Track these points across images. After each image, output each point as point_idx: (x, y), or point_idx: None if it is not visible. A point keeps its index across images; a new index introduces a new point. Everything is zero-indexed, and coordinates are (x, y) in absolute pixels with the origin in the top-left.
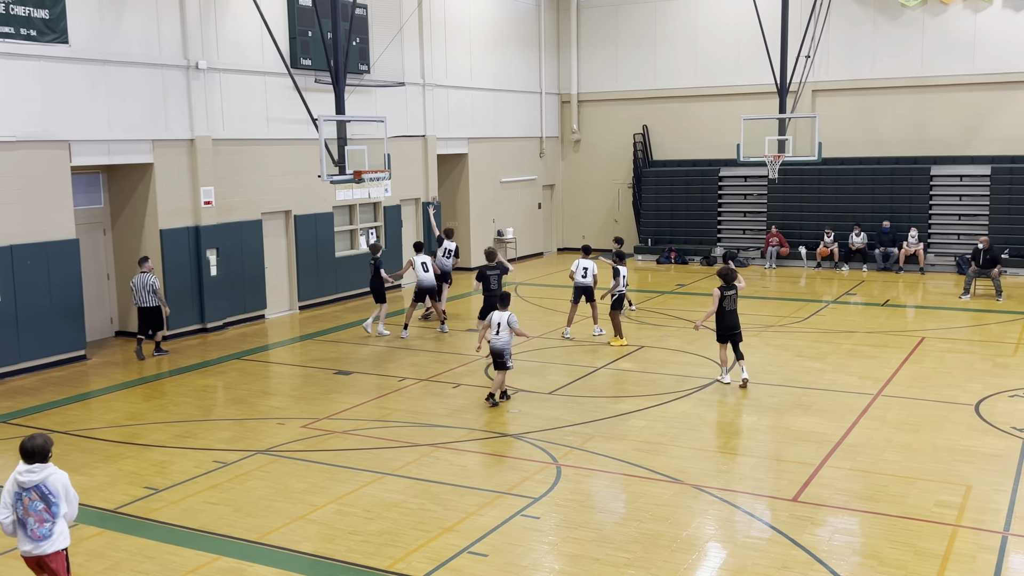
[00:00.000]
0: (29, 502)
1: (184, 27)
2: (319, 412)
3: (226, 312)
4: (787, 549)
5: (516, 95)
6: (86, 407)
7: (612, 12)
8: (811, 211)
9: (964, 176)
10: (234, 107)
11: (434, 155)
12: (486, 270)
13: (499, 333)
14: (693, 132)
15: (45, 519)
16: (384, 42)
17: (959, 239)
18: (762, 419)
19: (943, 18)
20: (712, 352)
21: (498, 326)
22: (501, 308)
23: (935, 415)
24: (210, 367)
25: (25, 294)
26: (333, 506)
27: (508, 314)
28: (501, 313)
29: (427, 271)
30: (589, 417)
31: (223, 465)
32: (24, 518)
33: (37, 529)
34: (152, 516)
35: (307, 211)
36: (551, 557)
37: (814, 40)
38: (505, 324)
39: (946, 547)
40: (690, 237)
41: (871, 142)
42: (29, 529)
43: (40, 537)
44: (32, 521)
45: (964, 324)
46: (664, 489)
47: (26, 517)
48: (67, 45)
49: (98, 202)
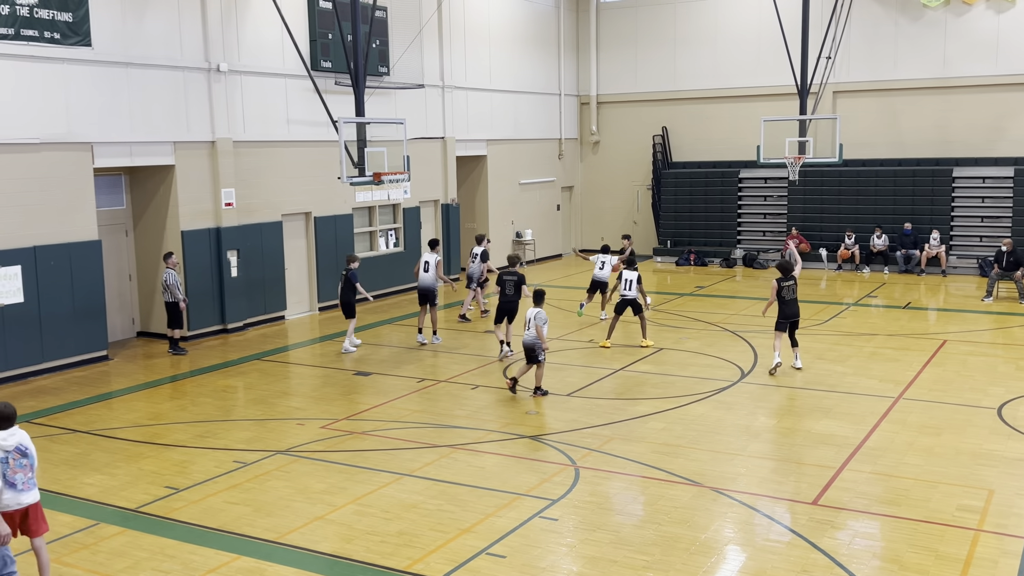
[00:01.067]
0: (14, 462)
1: (205, 30)
2: (338, 413)
3: (246, 313)
4: (807, 553)
5: (535, 97)
6: (108, 407)
7: (632, 13)
8: (832, 213)
9: (987, 178)
10: (255, 109)
11: (453, 157)
12: (503, 275)
13: (530, 328)
14: (713, 134)
15: (28, 472)
16: (404, 44)
17: (981, 241)
18: (782, 422)
19: (966, 18)
20: (731, 354)
21: (528, 321)
22: (535, 305)
23: (957, 418)
24: (230, 368)
25: (48, 295)
26: (352, 506)
27: (537, 311)
28: (532, 310)
29: (427, 271)
30: (607, 419)
31: (243, 465)
32: (12, 478)
33: (27, 482)
34: (173, 515)
35: (327, 213)
36: (569, 559)
37: (835, 41)
38: (534, 319)
39: (968, 552)
40: (709, 239)
41: (893, 143)
42: (20, 485)
43: (29, 487)
44: (20, 477)
45: (986, 327)
46: (683, 492)
47: (14, 476)
48: (90, 48)
49: (120, 203)
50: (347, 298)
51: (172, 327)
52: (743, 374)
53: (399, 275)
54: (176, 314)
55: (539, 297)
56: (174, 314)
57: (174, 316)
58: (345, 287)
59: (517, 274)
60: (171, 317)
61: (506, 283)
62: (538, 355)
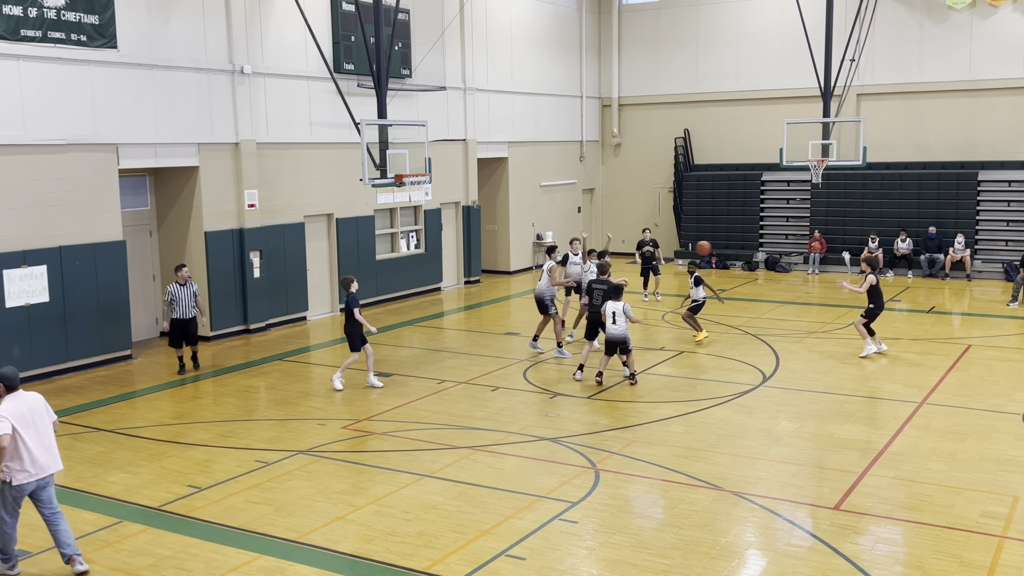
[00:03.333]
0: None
1: (230, 32)
2: (359, 413)
3: (269, 314)
4: (828, 558)
5: (557, 99)
6: (131, 406)
7: (654, 15)
8: (855, 216)
9: (1013, 182)
10: (278, 111)
11: (474, 159)
12: (593, 284)
13: (616, 322)
14: (735, 136)
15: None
16: (426, 47)
17: (1007, 246)
18: (804, 426)
19: (992, 21)
20: (753, 358)
21: (613, 315)
22: (615, 300)
23: (981, 424)
24: (253, 368)
25: (73, 294)
26: (372, 507)
27: (623, 303)
28: (615, 303)
29: (540, 280)
30: (628, 422)
31: (265, 465)
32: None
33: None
34: (195, 514)
35: (349, 214)
36: (589, 562)
37: (859, 43)
38: (620, 312)
39: (992, 559)
40: (731, 242)
41: (918, 146)
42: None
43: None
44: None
45: (1012, 332)
46: (704, 495)
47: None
48: (116, 50)
49: (145, 204)
50: (351, 329)
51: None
52: (765, 378)
53: (420, 277)
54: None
55: (619, 292)
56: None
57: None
58: (349, 317)
59: (608, 283)
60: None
61: (595, 292)
62: (628, 345)
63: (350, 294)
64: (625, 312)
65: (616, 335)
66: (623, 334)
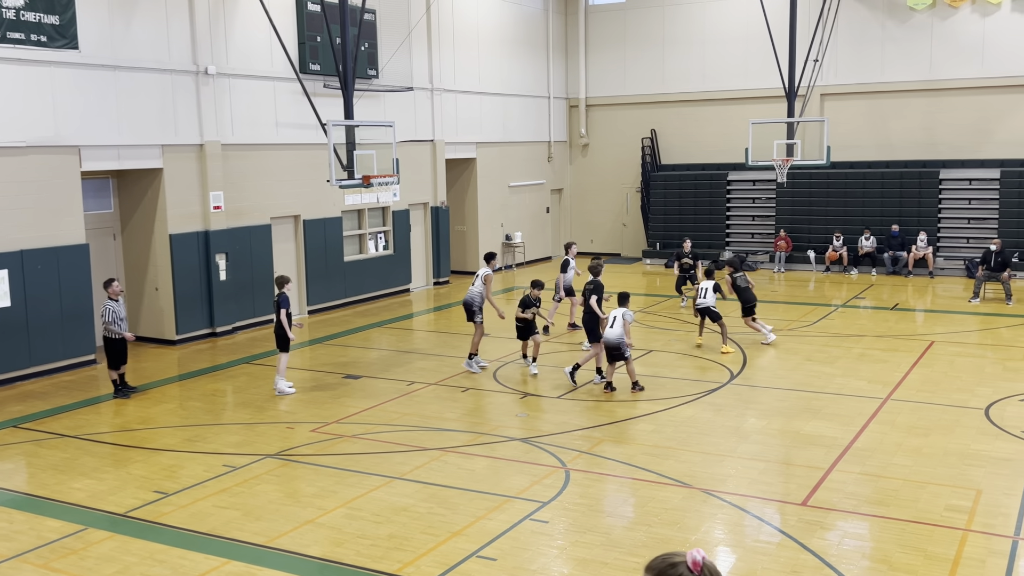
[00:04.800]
0: None
1: (194, 32)
2: (328, 416)
3: (235, 317)
4: (796, 553)
5: (524, 99)
6: (96, 411)
7: (620, 16)
8: (820, 215)
9: (973, 180)
10: (243, 112)
11: (443, 159)
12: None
13: (613, 326)
14: (702, 136)
15: None
16: (393, 47)
17: (968, 243)
18: (771, 423)
19: (952, 21)
20: (720, 356)
21: (613, 319)
22: (619, 305)
23: (945, 419)
24: (220, 371)
25: (35, 299)
26: (342, 510)
27: (624, 310)
28: (619, 309)
29: (473, 285)
30: (598, 421)
31: (232, 469)
32: None
33: None
34: (162, 520)
35: (316, 216)
36: (560, 561)
37: (822, 44)
38: (620, 318)
39: (956, 552)
40: (698, 241)
41: (880, 146)
42: None
43: None
44: None
45: (974, 328)
46: (673, 493)
47: None
48: (77, 51)
49: (108, 207)
50: (278, 328)
51: (115, 366)
52: (732, 376)
53: (389, 278)
54: (118, 351)
55: (625, 299)
56: (117, 351)
57: (117, 352)
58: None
59: (595, 282)
60: (113, 354)
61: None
62: (624, 351)
63: (282, 293)
64: (624, 318)
65: (611, 340)
66: (617, 339)
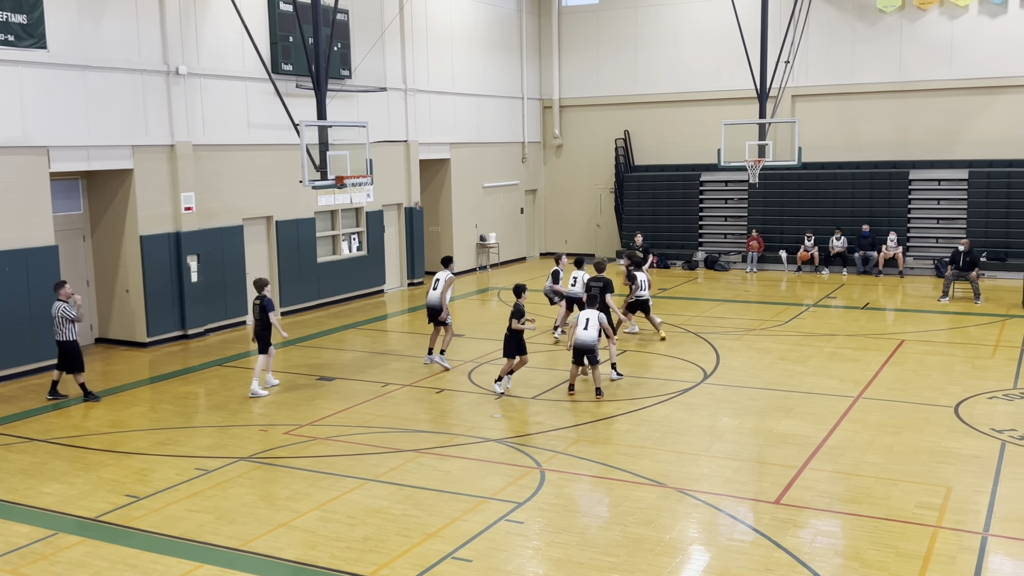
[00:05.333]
0: None
1: (164, 32)
2: (302, 418)
3: (207, 319)
4: (770, 551)
5: (498, 100)
6: (66, 415)
7: (593, 17)
8: (791, 215)
9: (942, 180)
10: (215, 112)
11: (416, 160)
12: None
13: (587, 328)
14: (674, 137)
15: None
16: (366, 47)
17: (937, 243)
18: (744, 422)
19: (921, 24)
20: (694, 356)
21: (587, 321)
22: (590, 307)
23: (915, 417)
24: (191, 374)
25: (4, 301)
26: (316, 513)
27: (598, 313)
28: (590, 311)
29: (435, 288)
30: (572, 421)
31: (205, 472)
32: None
33: None
34: (134, 524)
35: (289, 216)
36: (535, 562)
37: (794, 45)
38: (595, 320)
39: (927, 548)
40: (672, 242)
41: (851, 146)
42: None
43: None
44: None
45: (943, 327)
46: (648, 493)
47: None
48: (45, 51)
49: (77, 208)
50: (262, 331)
51: (74, 370)
52: (706, 375)
53: (363, 279)
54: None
55: (595, 300)
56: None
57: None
58: (262, 318)
59: (603, 279)
60: (69, 359)
61: (592, 289)
62: (596, 356)
63: (264, 296)
64: (600, 321)
65: (585, 342)
66: (592, 342)
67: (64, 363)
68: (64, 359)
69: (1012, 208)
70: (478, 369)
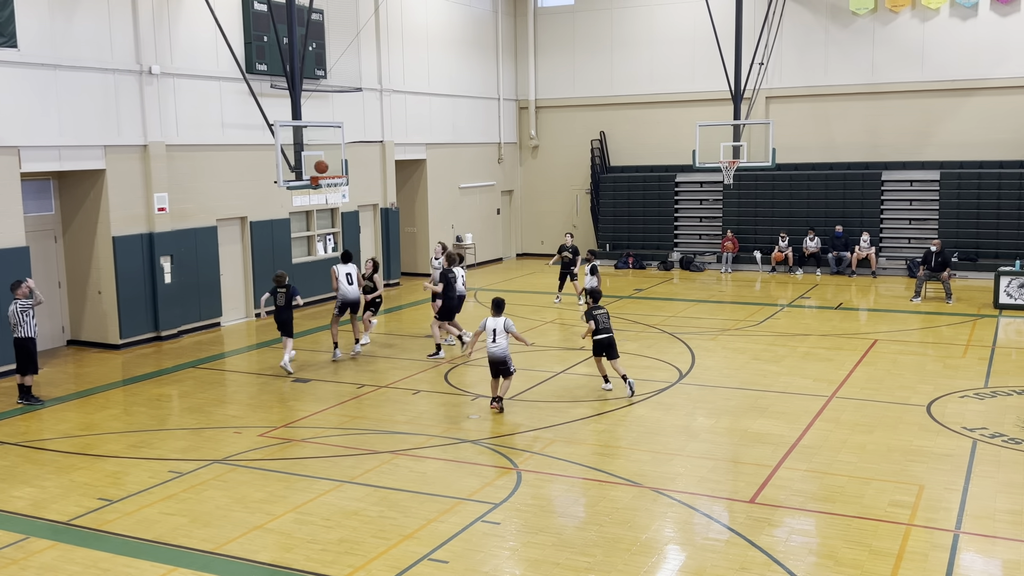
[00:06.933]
0: None
1: (137, 31)
2: (276, 420)
3: (181, 320)
4: (745, 550)
5: (474, 101)
6: (37, 418)
7: (569, 19)
8: (766, 216)
9: (914, 181)
10: (188, 112)
11: (392, 161)
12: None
13: (496, 340)
14: (650, 138)
15: None
16: (341, 47)
17: (910, 243)
18: (719, 422)
19: (893, 26)
20: (669, 356)
21: (494, 332)
22: (495, 315)
23: (888, 416)
24: (165, 376)
25: None
26: (291, 515)
27: (504, 319)
28: (496, 319)
29: (351, 283)
30: (548, 422)
31: (179, 475)
32: None
33: None
34: (106, 528)
35: (263, 217)
36: (512, 563)
37: (767, 47)
38: (502, 330)
39: (900, 546)
40: (647, 242)
41: (824, 148)
42: None
43: None
44: None
45: (915, 327)
46: (623, 492)
47: None
48: (16, 49)
49: (49, 209)
50: (287, 316)
51: (24, 372)
52: (681, 375)
53: None
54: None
55: (500, 306)
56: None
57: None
58: (287, 305)
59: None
60: (22, 359)
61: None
62: (510, 367)
63: (289, 286)
64: (507, 329)
65: (495, 354)
66: (503, 353)
67: (23, 364)
68: (21, 357)
69: (983, 209)
70: (454, 370)
